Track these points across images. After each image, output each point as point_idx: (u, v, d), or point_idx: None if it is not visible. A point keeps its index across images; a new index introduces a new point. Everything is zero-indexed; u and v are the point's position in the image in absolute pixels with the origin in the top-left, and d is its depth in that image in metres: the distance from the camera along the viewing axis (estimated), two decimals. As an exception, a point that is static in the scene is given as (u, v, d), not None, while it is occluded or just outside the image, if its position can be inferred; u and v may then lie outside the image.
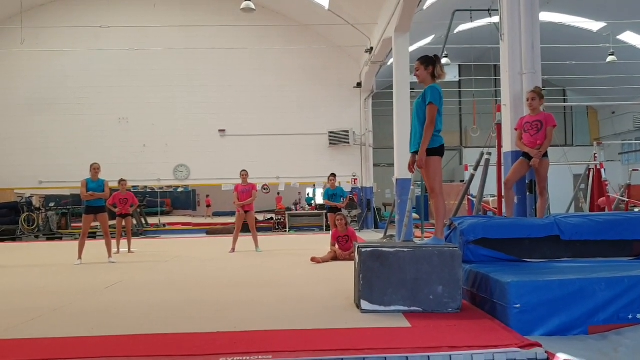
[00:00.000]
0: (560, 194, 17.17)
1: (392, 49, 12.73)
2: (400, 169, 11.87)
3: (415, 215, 13.36)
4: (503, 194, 6.70)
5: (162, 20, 18.21)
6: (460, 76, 24.87)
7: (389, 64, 16.88)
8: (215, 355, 3.38)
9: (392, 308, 4.52)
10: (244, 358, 3.32)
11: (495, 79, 23.61)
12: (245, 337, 3.88)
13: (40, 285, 6.83)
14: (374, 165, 20.49)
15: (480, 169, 8.91)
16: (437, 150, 4.93)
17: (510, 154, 6.56)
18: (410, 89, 12.30)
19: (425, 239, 5.30)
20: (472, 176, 9.69)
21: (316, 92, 19.31)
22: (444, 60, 18.29)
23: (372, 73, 17.66)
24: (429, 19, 16.26)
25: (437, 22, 16.18)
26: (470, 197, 12.23)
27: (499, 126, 7.28)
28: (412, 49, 15.23)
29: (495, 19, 7.86)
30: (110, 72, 18.63)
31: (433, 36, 20.09)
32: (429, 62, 4.95)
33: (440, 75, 4.94)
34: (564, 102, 24.85)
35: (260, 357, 3.33)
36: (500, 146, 7.31)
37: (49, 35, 18.02)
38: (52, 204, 18.91)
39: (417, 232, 12.74)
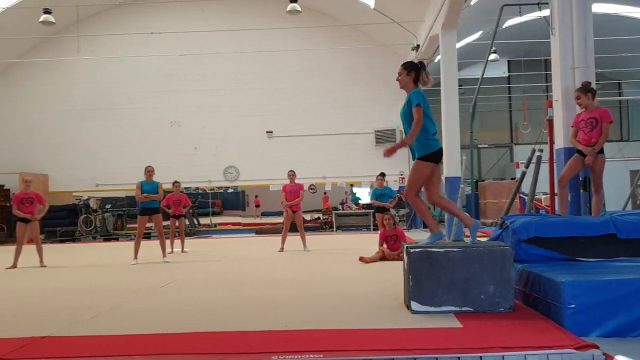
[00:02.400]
0: (616, 191, 16.58)
1: (439, 46, 12.59)
2: (449, 167, 11.74)
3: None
4: (556, 192, 6.54)
5: (210, 24, 18.57)
6: (509, 72, 24.32)
7: (435, 61, 16.70)
8: (267, 354, 3.45)
9: (443, 308, 4.50)
10: (296, 357, 3.37)
11: (546, 74, 22.96)
12: (296, 335, 3.94)
13: (99, 284, 7.11)
14: (422, 163, 20.27)
15: (532, 166, 8.70)
16: (432, 156, 4.88)
17: (563, 150, 6.40)
18: (459, 85, 12.13)
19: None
20: (524, 174, 9.47)
21: (362, 91, 19.30)
22: (492, 56, 18.02)
23: (419, 71, 17.49)
24: (477, 15, 16.00)
25: (485, 18, 15.90)
26: (521, 195, 11.97)
27: (550, 122, 7.11)
28: (459, 45, 15.03)
29: (545, 13, 7.66)
30: (161, 77, 19.15)
31: (481, 32, 19.74)
32: (411, 68, 4.95)
33: (425, 82, 4.92)
34: (619, 96, 23.94)
35: (311, 356, 3.38)
36: (552, 142, 7.14)
37: (103, 43, 18.68)
38: (108, 206, 19.62)
39: (467, 232, 12.52)
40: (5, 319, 4.97)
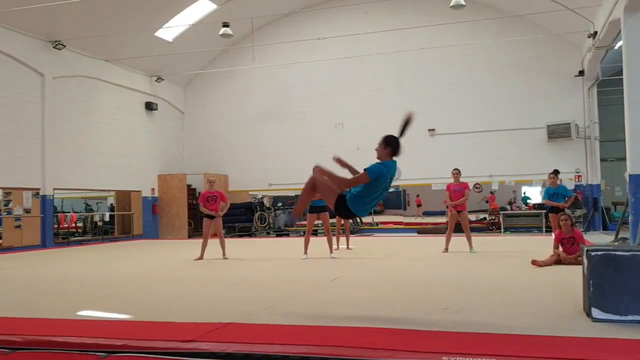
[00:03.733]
0: None
1: (620, 32, 11.44)
2: (634, 163, 10.61)
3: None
4: None
5: (372, 26, 18.86)
6: None
7: (616, 47, 15.18)
8: (437, 354, 3.44)
9: (630, 318, 4.12)
10: (467, 359, 3.32)
11: None
12: (467, 337, 3.88)
13: (274, 276, 7.64)
14: (601, 160, 18.57)
15: None
16: (344, 210, 5.08)
17: None
18: (646, 73, 10.90)
19: None
20: None
21: (531, 84, 18.20)
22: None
23: (597, 59, 16.05)
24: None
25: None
26: None
27: None
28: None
29: None
30: (326, 81, 19.90)
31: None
32: (388, 143, 5.28)
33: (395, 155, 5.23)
34: None
35: (483, 359, 3.31)
36: None
37: (275, 51, 19.91)
38: (279, 204, 20.90)
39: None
40: (197, 305, 5.56)
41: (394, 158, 5.27)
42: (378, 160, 5.17)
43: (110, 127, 17.93)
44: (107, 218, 20.02)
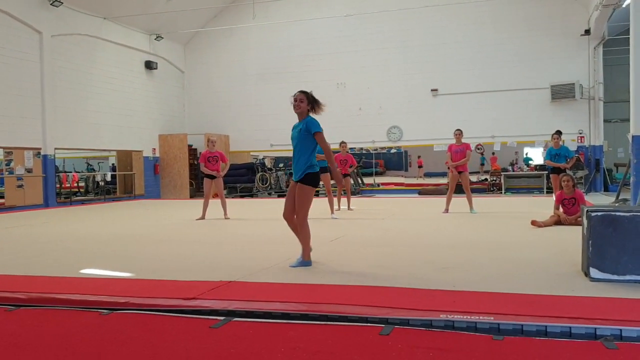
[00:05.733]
0: None
1: (630, -11, 11.16)
2: (638, 124, 10.51)
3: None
4: None
5: (376, -18, 18.47)
6: None
7: (624, 5, 14.85)
8: (435, 312, 3.48)
9: (628, 277, 4.16)
10: (465, 317, 3.36)
11: None
12: (465, 296, 3.92)
13: (275, 235, 7.68)
14: (605, 121, 18.43)
15: None
16: (314, 178, 5.20)
17: None
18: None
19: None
20: None
21: (537, 43, 17.89)
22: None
23: (604, 18, 15.72)
24: (680, -52, 13.80)
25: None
26: None
27: None
28: (655, -15, 13.17)
29: None
30: (329, 39, 19.59)
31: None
32: (310, 100, 5.43)
33: (318, 112, 5.41)
34: None
35: (481, 317, 3.35)
36: None
37: (276, 9, 19.55)
38: (281, 165, 20.90)
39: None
40: (199, 264, 5.62)
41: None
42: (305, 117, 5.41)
43: (110, 86, 17.77)
44: (108, 178, 20.07)
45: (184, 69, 21.49)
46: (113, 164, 20.06)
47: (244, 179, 19.57)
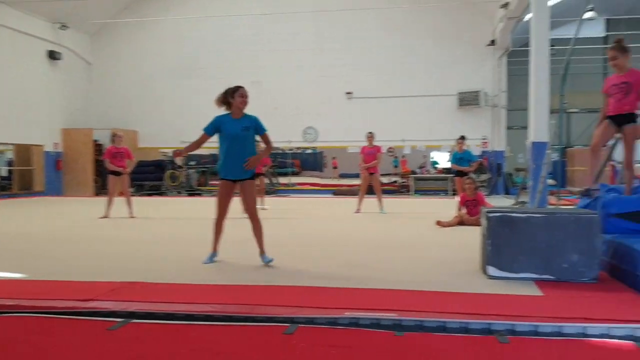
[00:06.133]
0: None
1: (530, 3, 11.88)
2: (536, 131, 11.20)
3: (550, 182, 12.60)
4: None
5: (292, -17, 18.48)
6: (607, 31, 22.64)
7: (526, 19, 15.81)
8: (340, 309, 3.51)
9: (522, 275, 4.38)
10: (369, 314, 3.41)
11: (650, 33, 21.21)
12: (370, 294, 3.98)
13: (183, 236, 7.47)
14: (507, 127, 19.51)
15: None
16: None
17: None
18: (551, 46, 11.44)
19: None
20: (617, 140, 8.88)
21: (446, 51, 18.64)
22: (588, 14, 16.80)
23: (508, 30, 16.65)
24: (574, -31, 14.91)
25: (583, -28, 14.76)
26: (613, 163, 11.28)
27: (652, 85, 6.57)
28: (552, 2, 14.10)
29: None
30: (245, 37, 19.35)
31: (578, -13, 18.41)
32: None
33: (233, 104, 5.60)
34: None
35: (384, 314, 3.40)
36: (652, 107, 6.61)
37: (191, 3, 19.06)
38: (192, 163, 20.38)
39: (552, 200, 12.04)
40: (99, 264, 5.34)
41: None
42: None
43: (5, 75, 16.54)
44: (4, 173, 18.75)
45: (91, 61, 20.45)
46: (10, 159, 18.77)
47: (153, 176, 18.91)
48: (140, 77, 20.03)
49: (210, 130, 5.37)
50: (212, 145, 5.90)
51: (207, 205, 12.53)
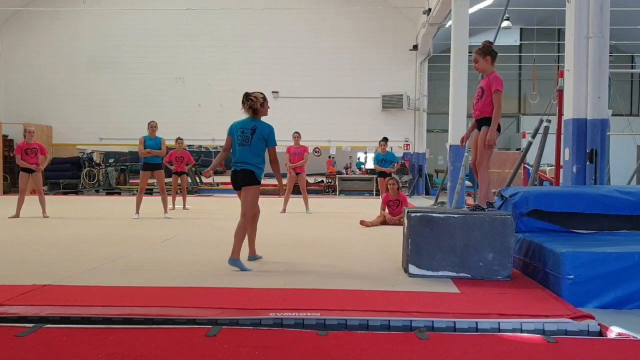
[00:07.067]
0: (624, 166, 16.51)
1: (450, 11, 12.34)
2: (454, 135, 11.65)
3: (467, 183, 13.15)
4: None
5: (218, -21, 18.21)
6: (521, 40, 23.91)
7: (447, 26, 16.40)
8: (265, 310, 3.49)
9: (441, 273, 4.53)
10: (293, 314, 3.41)
11: (558, 43, 22.58)
12: (294, 294, 3.98)
13: (101, 236, 7.16)
14: (428, 130, 20.15)
15: (539, 137, 8.64)
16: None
17: (572, 121, 6.31)
18: (469, 52, 11.93)
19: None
20: (530, 144, 9.41)
21: (371, 54, 19.00)
22: (505, 24, 17.66)
23: (429, 35, 17.21)
24: (491, -20, 15.61)
25: (500, -17, 15.51)
26: (526, 165, 11.93)
27: (560, 92, 7.03)
28: (472, 10, 14.74)
29: (562, -21, 7.47)
30: (167, 32, 18.86)
31: (494, -2, 19.31)
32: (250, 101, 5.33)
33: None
34: (632, 69, 23.55)
35: (309, 314, 3.42)
36: (560, 114, 7.06)
37: (110, -5, 18.38)
38: (111, 160, 19.60)
39: (469, 200, 12.55)
40: (8, 267, 5.02)
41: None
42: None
43: None
44: None
45: (0, 51, 19.23)
46: None
47: (69, 174, 18.02)
48: (55, 69, 19.06)
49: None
50: (131, 142, 5.70)
51: (125, 204, 12.14)
